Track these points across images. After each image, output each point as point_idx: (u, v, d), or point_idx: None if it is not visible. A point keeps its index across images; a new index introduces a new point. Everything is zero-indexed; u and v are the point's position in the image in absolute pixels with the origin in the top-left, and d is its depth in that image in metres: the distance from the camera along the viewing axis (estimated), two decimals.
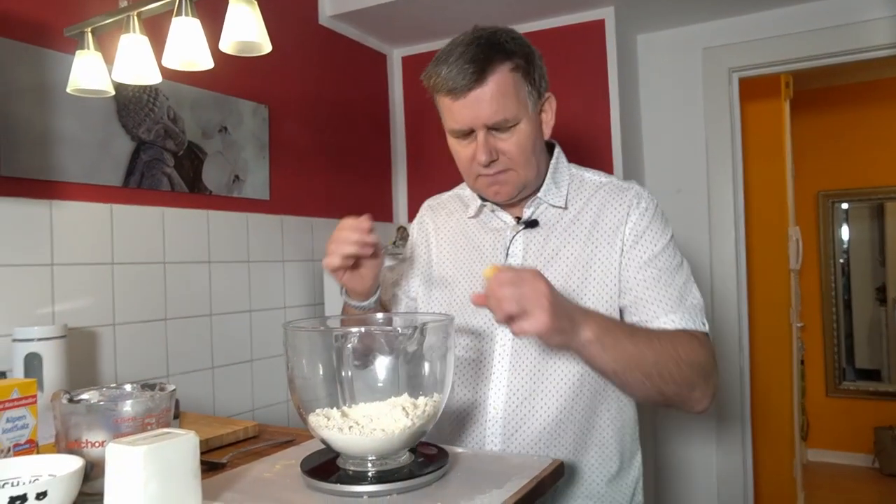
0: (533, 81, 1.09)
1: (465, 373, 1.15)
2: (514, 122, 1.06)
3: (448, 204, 1.31)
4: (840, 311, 4.49)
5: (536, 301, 0.87)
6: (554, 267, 1.12)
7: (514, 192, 1.13)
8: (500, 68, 1.04)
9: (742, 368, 2.58)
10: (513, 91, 1.05)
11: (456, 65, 1.03)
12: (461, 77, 1.02)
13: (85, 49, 1.40)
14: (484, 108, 1.04)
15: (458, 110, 1.05)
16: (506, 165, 1.09)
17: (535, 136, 1.11)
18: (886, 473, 4.13)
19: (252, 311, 1.99)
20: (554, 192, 1.16)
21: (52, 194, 1.50)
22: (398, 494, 0.79)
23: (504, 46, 1.06)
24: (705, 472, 2.61)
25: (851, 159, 4.35)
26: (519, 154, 1.08)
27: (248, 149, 2.00)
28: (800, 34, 2.40)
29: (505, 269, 0.91)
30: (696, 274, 2.63)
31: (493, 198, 1.16)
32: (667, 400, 1.03)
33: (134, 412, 0.81)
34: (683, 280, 1.11)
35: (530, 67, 1.09)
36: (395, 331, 0.86)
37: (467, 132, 1.08)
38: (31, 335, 1.30)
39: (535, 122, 1.11)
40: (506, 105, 1.04)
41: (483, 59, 1.03)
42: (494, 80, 1.03)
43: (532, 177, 1.12)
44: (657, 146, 2.67)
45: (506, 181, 1.11)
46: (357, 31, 2.53)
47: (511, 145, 1.07)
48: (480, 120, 1.05)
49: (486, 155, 1.06)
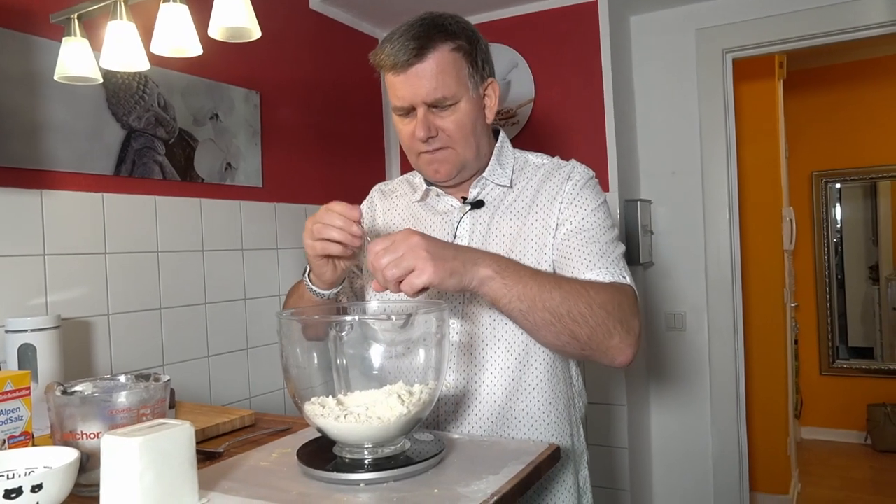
0: (475, 64, 1.12)
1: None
2: (454, 101, 1.09)
3: (398, 188, 1.33)
4: (833, 291, 4.52)
5: (414, 255, 0.89)
6: (495, 242, 1.14)
7: (454, 172, 1.15)
8: (441, 47, 1.07)
9: (736, 348, 2.60)
10: (453, 70, 1.08)
11: (399, 41, 1.06)
12: (402, 53, 1.06)
13: (72, 36, 1.38)
14: (423, 84, 1.07)
15: (399, 86, 1.09)
16: (444, 143, 1.11)
17: (476, 117, 1.13)
18: (879, 450, 4.18)
19: (247, 300, 1.98)
20: (499, 173, 1.18)
21: (42, 184, 1.49)
22: (395, 482, 0.80)
23: (447, 27, 1.09)
24: (701, 450, 2.64)
25: (845, 139, 4.35)
26: (457, 132, 1.11)
27: (240, 136, 1.99)
28: (793, 14, 2.39)
29: (376, 241, 0.92)
30: (690, 255, 2.66)
31: (432, 176, 1.17)
32: (583, 347, 0.99)
33: (129, 403, 0.81)
34: (609, 240, 1.11)
35: (473, 50, 1.12)
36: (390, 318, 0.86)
37: (408, 109, 1.11)
38: (25, 326, 1.30)
39: (477, 104, 1.14)
40: (445, 82, 1.07)
41: (425, 36, 1.06)
42: (434, 57, 1.06)
43: (471, 157, 1.15)
44: (651, 128, 2.66)
45: (444, 159, 1.13)
46: (349, 15, 2.51)
47: (450, 123, 1.10)
48: (419, 96, 1.07)
49: (424, 130, 1.09)
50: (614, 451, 2.45)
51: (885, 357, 4.44)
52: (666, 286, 2.67)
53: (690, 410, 2.65)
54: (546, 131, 2.49)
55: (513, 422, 1.13)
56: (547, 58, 2.49)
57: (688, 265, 2.63)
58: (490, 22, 2.57)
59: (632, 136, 2.63)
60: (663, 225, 2.66)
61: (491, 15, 2.56)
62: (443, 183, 1.18)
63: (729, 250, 2.57)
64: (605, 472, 2.44)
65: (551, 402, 1.14)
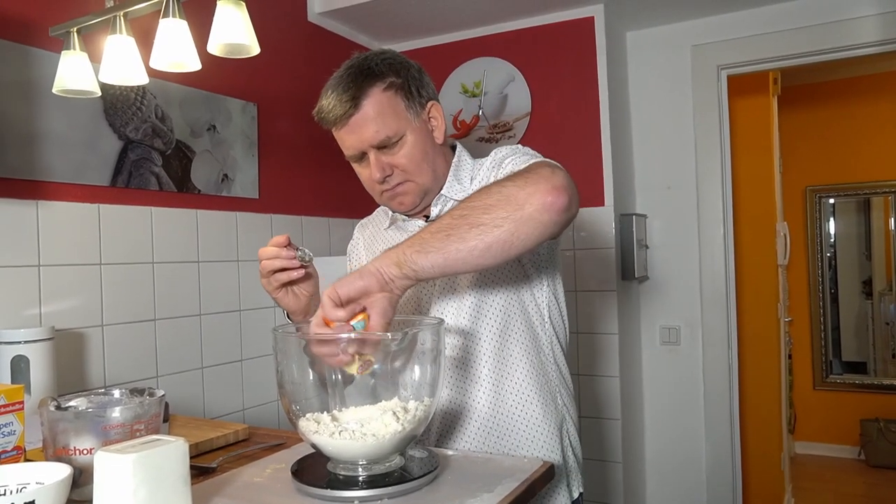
0: (411, 95, 1.14)
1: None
2: (398, 137, 1.12)
3: (375, 219, 1.37)
4: (827, 305, 4.53)
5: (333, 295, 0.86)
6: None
7: (417, 201, 1.18)
8: (372, 91, 1.10)
9: (731, 363, 2.60)
10: (389, 109, 1.11)
11: (332, 97, 1.11)
12: (338, 107, 1.10)
13: (71, 49, 1.38)
14: (365, 130, 1.11)
15: (345, 137, 1.13)
16: (402, 178, 1.15)
17: (425, 144, 1.16)
18: (872, 465, 4.18)
19: (241, 311, 1.98)
20: (457, 188, 1.19)
21: (38, 194, 1.49)
22: (389, 499, 0.79)
23: (373, 70, 1.12)
24: (694, 464, 2.64)
25: (838, 155, 4.38)
26: (411, 165, 1.14)
27: (236, 147, 1.99)
28: (787, 31, 2.41)
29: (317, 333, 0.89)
30: (685, 268, 2.67)
31: (398, 209, 1.21)
32: (503, 226, 0.88)
33: (122, 419, 0.80)
34: (524, 150, 1.13)
35: (405, 82, 1.14)
36: (385, 336, 0.86)
37: (360, 156, 1.15)
38: (18, 337, 1.29)
39: (422, 131, 1.16)
40: (385, 123, 1.11)
41: (354, 86, 1.10)
42: (369, 103, 1.10)
43: (429, 182, 1.17)
44: (646, 143, 2.68)
45: (406, 192, 1.16)
46: (346, 27, 2.52)
47: (401, 158, 1.13)
48: (366, 142, 1.12)
49: (379, 172, 1.13)
50: (608, 466, 2.45)
51: (879, 372, 4.46)
52: (660, 300, 2.68)
53: (684, 424, 2.65)
54: (542, 145, 2.47)
55: (504, 436, 1.13)
56: (543, 72, 2.50)
57: (682, 279, 2.64)
58: (487, 36, 2.59)
59: (627, 151, 2.64)
60: (658, 239, 2.67)
61: (488, 29, 2.58)
62: (410, 212, 1.22)
63: (723, 264, 2.58)
64: (599, 487, 2.44)
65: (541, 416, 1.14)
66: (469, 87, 2.62)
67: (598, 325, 2.45)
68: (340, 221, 2.40)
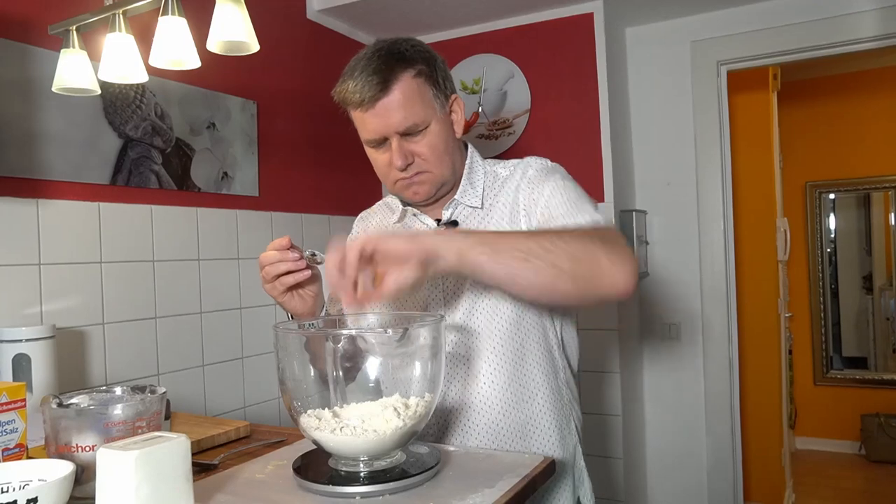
0: (437, 84, 1.13)
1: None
2: (424, 126, 1.11)
3: (377, 212, 1.35)
4: (827, 301, 4.54)
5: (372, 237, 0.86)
6: None
7: (432, 192, 1.16)
8: (403, 76, 1.08)
9: (731, 358, 2.60)
10: (418, 96, 1.09)
11: (360, 78, 1.08)
12: (367, 89, 1.07)
13: (70, 47, 1.38)
14: (392, 115, 1.08)
15: (369, 121, 1.10)
16: (421, 167, 1.13)
17: (447, 135, 1.15)
18: (872, 460, 4.19)
19: (242, 309, 1.98)
20: (470, 193, 1.18)
21: (38, 193, 1.49)
22: (390, 495, 0.80)
23: (404, 55, 1.09)
24: (695, 460, 2.64)
25: (838, 150, 4.38)
26: (432, 155, 1.12)
27: (236, 145, 1.99)
28: (787, 27, 2.41)
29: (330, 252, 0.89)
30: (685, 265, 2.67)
31: (412, 198, 1.19)
32: (574, 280, 0.90)
33: (124, 416, 0.81)
34: (580, 199, 1.10)
35: (433, 71, 1.13)
36: (386, 332, 0.86)
37: (381, 140, 1.12)
38: (19, 336, 1.30)
39: (445, 122, 1.15)
40: (413, 110, 1.09)
41: (385, 69, 1.07)
42: (399, 87, 1.08)
43: (447, 174, 1.16)
44: (646, 139, 2.68)
45: (423, 181, 1.14)
46: (345, 25, 2.52)
47: (424, 147, 1.11)
48: (391, 128, 1.09)
49: (401, 160, 1.10)
50: (609, 461, 2.45)
51: (879, 367, 4.46)
52: (661, 296, 2.68)
53: (685, 420, 2.66)
54: (542, 142, 2.50)
55: (508, 434, 1.13)
56: (543, 69, 2.50)
57: (682, 275, 2.64)
58: (487, 33, 2.59)
59: (627, 147, 2.64)
60: (658, 235, 2.67)
61: (487, 26, 2.58)
62: (421, 203, 1.20)
63: (723, 260, 2.59)
64: (600, 482, 2.43)
65: (547, 414, 1.14)
66: (469, 84, 2.62)
67: (599, 321, 2.45)
68: (341, 219, 2.40)
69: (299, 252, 1.05)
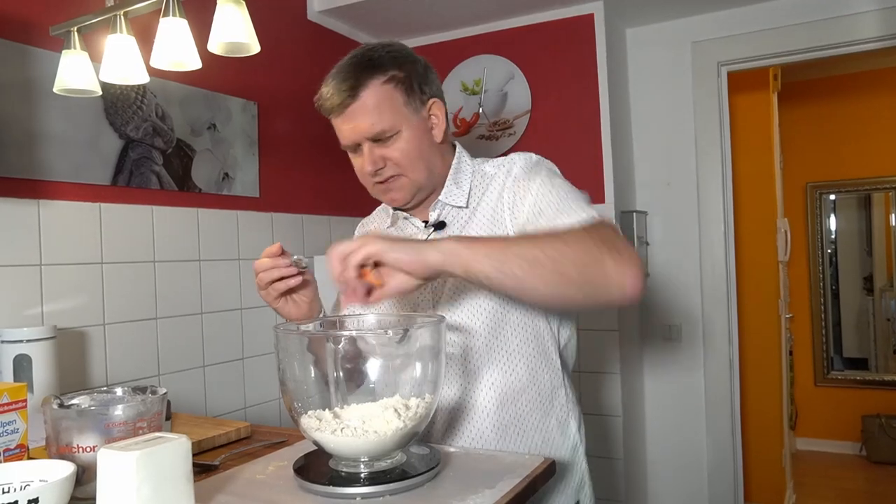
0: (411, 90, 1.13)
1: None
2: (394, 132, 1.11)
3: (376, 218, 1.37)
4: (828, 302, 4.53)
5: (368, 241, 0.86)
6: None
7: (409, 197, 1.16)
8: (371, 83, 1.09)
9: (731, 359, 2.60)
10: (387, 103, 1.10)
11: (332, 85, 1.11)
12: (336, 95, 1.10)
13: (71, 48, 1.38)
14: (360, 121, 1.10)
15: (340, 126, 1.13)
16: (394, 171, 1.14)
17: (421, 140, 1.14)
18: (873, 461, 4.18)
19: (243, 309, 1.98)
20: (455, 193, 1.18)
21: (39, 193, 1.49)
22: (391, 496, 0.80)
23: (374, 62, 1.10)
24: (696, 461, 2.64)
25: (839, 150, 4.37)
26: (404, 159, 1.13)
27: (237, 146, 2.00)
28: (787, 27, 2.41)
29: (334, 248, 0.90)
30: (685, 266, 2.66)
31: (390, 204, 1.21)
32: (580, 285, 0.90)
33: (125, 416, 0.81)
34: (570, 197, 1.08)
35: (407, 77, 1.13)
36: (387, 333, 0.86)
37: (355, 146, 1.14)
38: (20, 336, 1.30)
39: (420, 128, 1.15)
40: (382, 117, 1.09)
41: (354, 76, 1.09)
42: (367, 94, 1.09)
43: (423, 179, 1.15)
44: (647, 140, 2.68)
45: (399, 187, 1.15)
46: (346, 26, 2.52)
47: (395, 152, 1.12)
48: (360, 133, 1.11)
49: (371, 165, 1.12)
50: (610, 462, 2.45)
51: (880, 368, 4.46)
52: (661, 297, 2.68)
53: (685, 421, 2.66)
54: (542, 143, 2.50)
55: (508, 435, 1.13)
56: (543, 69, 2.50)
57: (683, 276, 2.64)
58: (487, 33, 2.59)
59: (627, 148, 2.64)
60: (658, 236, 2.67)
61: (487, 27, 2.58)
62: (402, 207, 1.21)
63: (724, 261, 2.58)
64: (600, 483, 2.43)
65: (535, 413, 1.14)
66: (469, 85, 2.62)
67: (599, 322, 2.45)
68: (341, 220, 2.40)
69: (290, 256, 1.07)
